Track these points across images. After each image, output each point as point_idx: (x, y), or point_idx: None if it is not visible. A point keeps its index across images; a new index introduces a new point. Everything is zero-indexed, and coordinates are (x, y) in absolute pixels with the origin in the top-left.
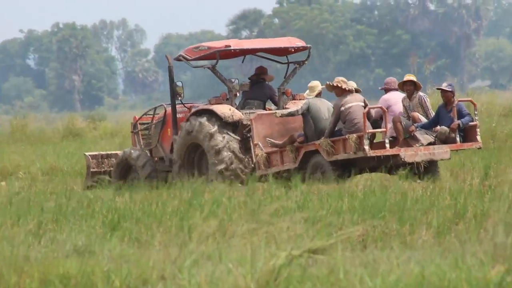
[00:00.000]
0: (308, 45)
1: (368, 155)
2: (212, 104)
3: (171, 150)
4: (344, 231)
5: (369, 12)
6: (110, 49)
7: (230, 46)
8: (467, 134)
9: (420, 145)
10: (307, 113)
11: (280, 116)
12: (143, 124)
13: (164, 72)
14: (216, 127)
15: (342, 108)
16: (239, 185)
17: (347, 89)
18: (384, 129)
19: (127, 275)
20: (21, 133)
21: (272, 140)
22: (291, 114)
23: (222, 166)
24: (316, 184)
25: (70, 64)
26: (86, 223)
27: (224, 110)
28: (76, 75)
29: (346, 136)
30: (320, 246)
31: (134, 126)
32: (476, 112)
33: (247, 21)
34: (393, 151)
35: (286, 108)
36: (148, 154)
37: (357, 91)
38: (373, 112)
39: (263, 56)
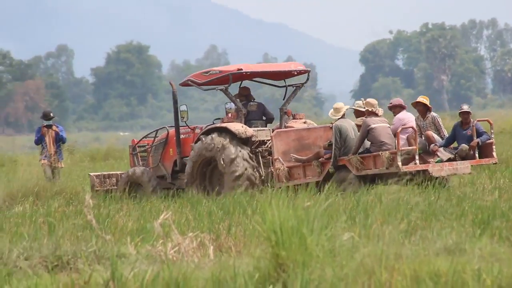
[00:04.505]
0: (308, 69)
1: (402, 170)
2: (225, 123)
3: (173, 168)
4: None
5: None
6: (479, 48)
7: (242, 69)
8: (484, 150)
9: (439, 161)
10: (338, 135)
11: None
12: (141, 146)
13: None
14: (230, 143)
15: (369, 128)
16: None
17: (375, 111)
18: (414, 147)
19: (498, 274)
20: None
21: (296, 156)
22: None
23: (237, 173)
24: None
25: (438, 64)
26: (456, 221)
27: (237, 127)
28: (445, 75)
29: (380, 153)
30: None
31: (133, 148)
32: (492, 131)
33: None
34: (423, 167)
35: (288, 126)
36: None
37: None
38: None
39: (260, 81)
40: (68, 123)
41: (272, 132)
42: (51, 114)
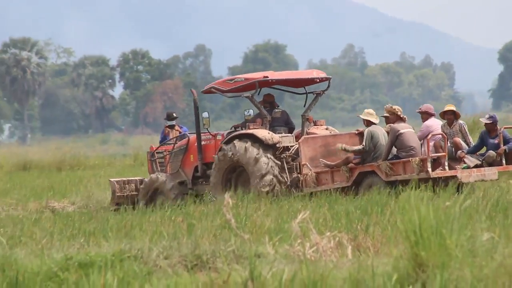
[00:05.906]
0: (329, 76)
1: (432, 176)
2: (251, 129)
3: (193, 174)
4: None
5: None
6: None
7: (268, 77)
8: (511, 157)
9: (466, 167)
10: (370, 139)
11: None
12: (160, 153)
13: None
14: (253, 145)
15: (398, 133)
16: None
17: (402, 116)
18: (444, 153)
19: None
20: None
21: (325, 161)
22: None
23: (263, 171)
24: None
25: None
26: None
27: (264, 133)
28: None
29: (410, 159)
30: None
31: (152, 154)
32: None
33: None
34: (452, 173)
35: (309, 133)
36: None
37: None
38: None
39: (280, 88)
40: None
41: (296, 138)
42: (174, 115)
